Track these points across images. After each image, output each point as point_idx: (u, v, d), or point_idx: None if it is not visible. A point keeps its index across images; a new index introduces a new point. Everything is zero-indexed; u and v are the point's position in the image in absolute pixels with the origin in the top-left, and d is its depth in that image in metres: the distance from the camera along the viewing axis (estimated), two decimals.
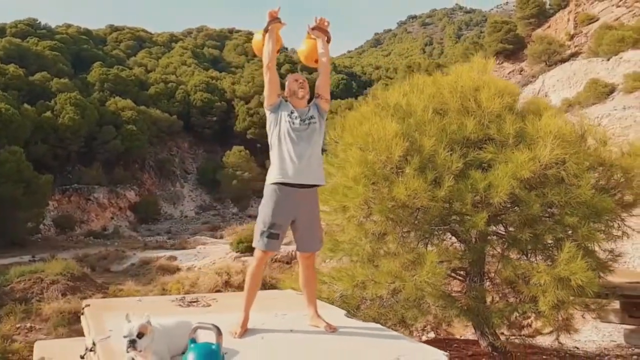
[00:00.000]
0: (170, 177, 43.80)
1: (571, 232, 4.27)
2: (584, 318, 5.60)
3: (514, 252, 4.64)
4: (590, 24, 32.21)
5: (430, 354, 2.72)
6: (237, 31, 77.14)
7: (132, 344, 2.32)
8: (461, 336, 6.88)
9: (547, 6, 40.35)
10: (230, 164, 41.59)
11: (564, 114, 6.29)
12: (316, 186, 3.16)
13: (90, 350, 2.75)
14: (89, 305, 3.45)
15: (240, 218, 38.23)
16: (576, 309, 4.75)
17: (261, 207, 3.10)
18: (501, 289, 4.81)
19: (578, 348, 5.95)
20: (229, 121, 47.94)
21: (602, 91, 23.05)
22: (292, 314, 3.40)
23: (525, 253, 4.59)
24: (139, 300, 4.12)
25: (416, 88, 5.08)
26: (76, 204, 34.08)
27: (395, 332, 3.36)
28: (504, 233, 4.71)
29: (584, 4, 34.56)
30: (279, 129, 3.09)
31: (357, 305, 4.76)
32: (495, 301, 4.84)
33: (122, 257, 22.43)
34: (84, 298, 11.51)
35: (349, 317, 3.50)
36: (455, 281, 5.20)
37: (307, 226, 3.15)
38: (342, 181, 4.60)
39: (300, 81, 3.23)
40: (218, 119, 47.99)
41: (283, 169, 3.04)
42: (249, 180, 40.32)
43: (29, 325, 11.47)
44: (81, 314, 3.44)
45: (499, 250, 4.72)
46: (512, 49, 36.48)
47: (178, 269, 19.18)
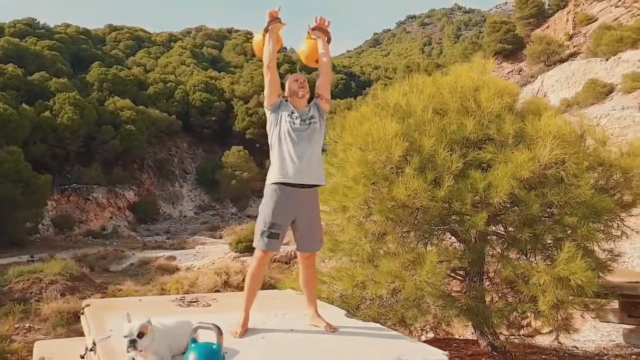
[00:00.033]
0: (169, 177, 43.79)
1: (570, 232, 4.27)
2: (583, 318, 5.61)
3: (513, 252, 4.64)
4: (589, 24, 32.28)
5: (431, 353, 2.73)
6: (236, 31, 77.13)
7: (132, 343, 2.32)
8: (460, 336, 6.88)
9: (546, 6, 40.43)
10: (229, 164, 41.58)
11: (562, 114, 6.31)
12: (316, 186, 3.17)
13: (90, 350, 2.75)
14: (89, 305, 3.45)
15: (240, 218, 38.23)
16: (575, 308, 4.75)
17: (261, 207, 3.11)
18: (501, 288, 4.81)
19: (577, 348, 5.96)
20: (228, 121, 47.93)
21: (601, 91, 23.10)
22: (292, 313, 3.40)
23: (525, 253, 4.60)
24: (139, 300, 4.12)
25: (416, 88, 5.08)
26: (75, 203, 34.07)
27: (395, 332, 3.37)
28: (504, 233, 4.72)
29: (583, 4, 34.62)
30: (279, 128, 3.10)
31: (356, 305, 4.76)
32: (494, 301, 4.84)
33: (121, 257, 22.43)
34: (83, 298, 11.49)
35: (349, 316, 3.51)
36: (455, 281, 5.21)
37: (307, 226, 3.15)
38: (342, 181, 4.60)
39: (300, 81, 3.23)
40: (217, 118, 47.98)
41: (283, 169, 3.04)
42: (248, 180, 40.33)
43: (27, 325, 11.46)
44: (81, 313, 3.44)
45: (499, 250, 4.72)
46: (511, 49, 36.55)
47: (177, 269, 19.20)
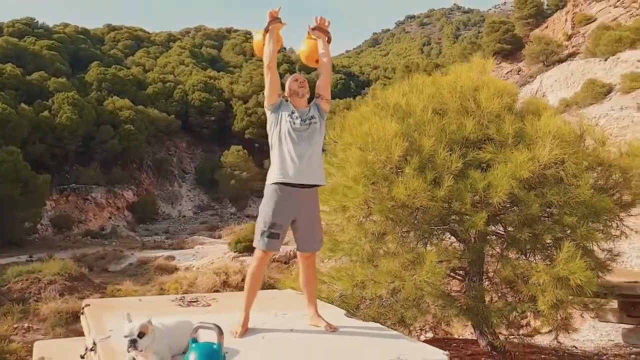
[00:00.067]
0: (168, 176, 43.77)
1: (570, 231, 4.28)
2: (582, 317, 5.62)
3: (513, 252, 4.65)
4: (587, 24, 32.33)
5: (431, 353, 2.73)
6: (235, 31, 77.11)
7: (133, 343, 2.32)
8: (460, 336, 6.88)
9: (545, 6, 40.50)
10: (229, 164, 41.56)
11: (561, 114, 6.31)
12: (317, 186, 3.17)
13: (90, 350, 2.75)
14: (89, 305, 3.45)
15: (239, 218, 38.23)
16: (575, 308, 4.76)
17: (261, 207, 3.11)
18: (500, 288, 4.82)
19: (576, 347, 5.96)
20: (227, 121, 47.91)
21: (600, 91, 23.14)
22: (292, 313, 3.40)
23: (524, 253, 4.60)
24: (139, 300, 4.12)
25: (415, 88, 5.08)
26: (74, 203, 34.04)
27: (395, 332, 3.37)
28: (503, 233, 4.72)
29: (582, 4, 34.67)
30: (279, 128, 3.10)
31: (356, 304, 4.76)
32: (494, 301, 4.85)
33: (120, 257, 22.42)
34: (82, 298, 11.49)
35: (348, 316, 3.51)
36: (455, 281, 5.21)
37: (307, 226, 3.15)
38: (341, 181, 4.60)
39: (300, 81, 3.24)
40: (216, 118, 47.96)
41: (284, 169, 3.04)
42: (247, 180, 40.32)
43: (26, 325, 11.45)
44: (81, 313, 3.44)
45: (498, 250, 4.73)
46: (510, 49, 36.60)
47: (176, 269, 19.19)
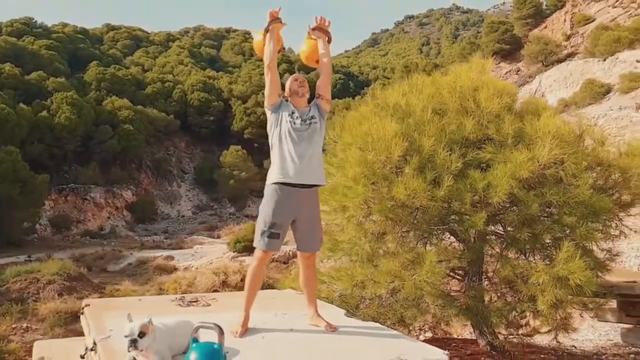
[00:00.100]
0: (167, 176, 43.73)
1: (569, 231, 4.28)
2: (581, 317, 5.63)
3: (512, 252, 4.65)
4: (586, 24, 32.39)
5: (431, 353, 2.73)
6: (234, 30, 77.11)
7: (133, 343, 2.32)
8: (459, 335, 6.90)
9: (544, 7, 40.54)
10: (228, 164, 41.54)
11: (560, 114, 6.32)
12: (317, 186, 3.17)
13: (90, 349, 2.74)
14: (89, 305, 3.45)
15: (238, 218, 38.21)
16: (574, 308, 4.77)
17: (262, 207, 3.11)
18: (500, 288, 4.82)
19: (575, 347, 5.97)
20: (226, 121, 47.89)
21: (599, 91, 23.18)
22: (292, 313, 3.41)
23: (524, 252, 4.61)
24: (139, 300, 4.12)
25: (415, 88, 5.08)
26: (73, 203, 34.01)
27: (395, 332, 3.37)
28: (503, 233, 4.73)
29: (581, 4, 34.73)
30: (279, 128, 3.10)
31: (356, 304, 4.76)
32: (493, 300, 4.85)
33: (119, 257, 22.40)
34: (81, 298, 11.47)
35: (348, 316, 3.51)
36: (454, 280, 5.22)
37: (307, 226, 3.15)
38: (341, 181, 4.61)
39: (300, 80, 3.24)
40: (215, 118, 47.93)
41: (284, 169, 3.04)
42: (246, 180, 40.30)
43: (25, 325, 11.43)
44: (81, 313, 3.44)
45: (498, 250, 4.73)
46: (509, 49, 36.66)
47: (175, 269, 19.17)
